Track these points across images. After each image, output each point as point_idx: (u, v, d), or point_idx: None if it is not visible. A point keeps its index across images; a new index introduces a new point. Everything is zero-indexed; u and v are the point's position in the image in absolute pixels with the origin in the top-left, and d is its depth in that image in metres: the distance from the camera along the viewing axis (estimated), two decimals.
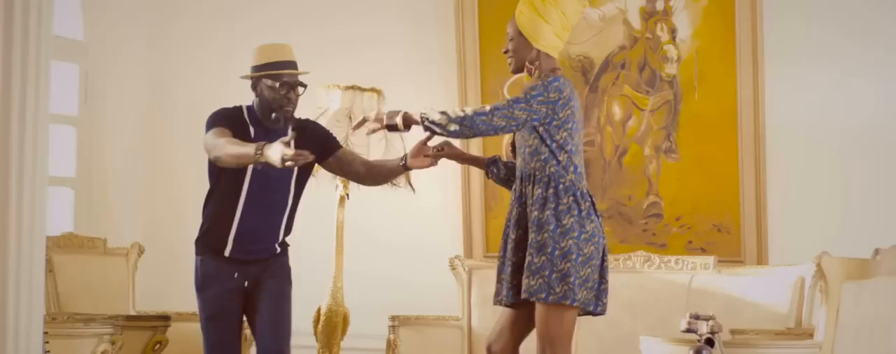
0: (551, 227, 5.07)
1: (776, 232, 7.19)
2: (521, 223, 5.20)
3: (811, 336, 5.87)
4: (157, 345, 6.68)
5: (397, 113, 5.19)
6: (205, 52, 8.36)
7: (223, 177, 5.40)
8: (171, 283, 8.16)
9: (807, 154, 7.21)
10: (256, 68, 5.44)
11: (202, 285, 5.47)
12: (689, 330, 5.11)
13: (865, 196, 7.09)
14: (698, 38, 7.37)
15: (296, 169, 5.42)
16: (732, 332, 6.10)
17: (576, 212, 5.09)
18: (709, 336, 5.04)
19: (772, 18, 7.17)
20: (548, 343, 5.11)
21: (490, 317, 6.34)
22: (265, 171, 5.30)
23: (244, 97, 5.56)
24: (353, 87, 6.86)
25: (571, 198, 5.11)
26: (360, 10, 8.03)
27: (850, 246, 6.11)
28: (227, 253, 5.44)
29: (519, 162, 5.26)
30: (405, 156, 5.48)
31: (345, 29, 7.95)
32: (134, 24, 8.42)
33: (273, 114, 5.41)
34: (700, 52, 7.36)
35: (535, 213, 5.10)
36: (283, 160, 4.90)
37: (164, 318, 6.78)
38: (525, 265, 5.10)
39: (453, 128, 5.05)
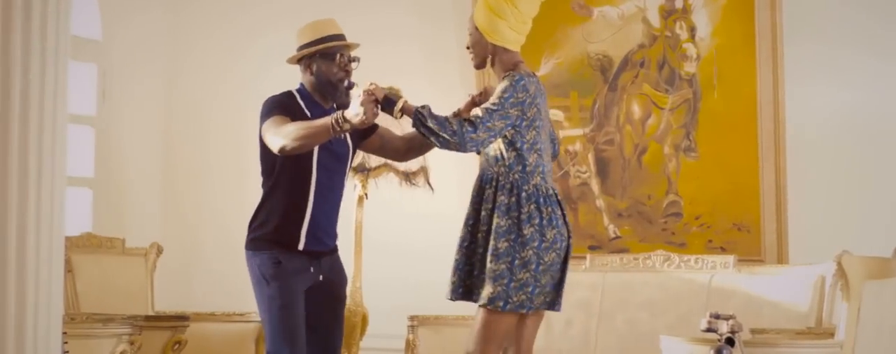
0: (512, 236, 5.07)
1: (796, 231, 7.16)
2: (468, 223, 5.21)
3: (832, 335, 5.85)
4: (176, 345, 6.68)
5: (400, 98, 5.13)
6: (222, 50, 8.36)
7: (287, 169, 5.19)
8: (189, 283, 8.17)
9: (827, 152, 7.18)
10: (307, 45, 5.30)
11: (276, 274, 5.17)
12: (709, 330, 5.09)
13: (886, 194, 7.06)
14: (718, 36, 7.34)
15: (350, 151, 5.33)
16: (752, 331, 6.08)
17: (537, 221, 5.09)
18: (729, 335, 5.03)
19: (792, 16, 7.14)
20: (481, 340, 5.14)
21: None
22: (330, 154, 5.19)
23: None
24: None
25: (533, 206, 5.10)
26: (376, 5, 8.00)
27: (871, 245, 6.09)
28: (300, 247, 5.20)
29: (481, 162, 5.25)
30: (459, 110, 5.34)
31: (360, 24, 7.88)
32: (152, 23, 8.42)
33: (345, 82, 5.27)
34: (719, 50, 7.34)
35: (497, 220, 5.10)
36: (362, 104, 4.92)
37: (183, 318, 6.77)
38: (486, 270, 5.08)
39: (445, 136, 5.01)
